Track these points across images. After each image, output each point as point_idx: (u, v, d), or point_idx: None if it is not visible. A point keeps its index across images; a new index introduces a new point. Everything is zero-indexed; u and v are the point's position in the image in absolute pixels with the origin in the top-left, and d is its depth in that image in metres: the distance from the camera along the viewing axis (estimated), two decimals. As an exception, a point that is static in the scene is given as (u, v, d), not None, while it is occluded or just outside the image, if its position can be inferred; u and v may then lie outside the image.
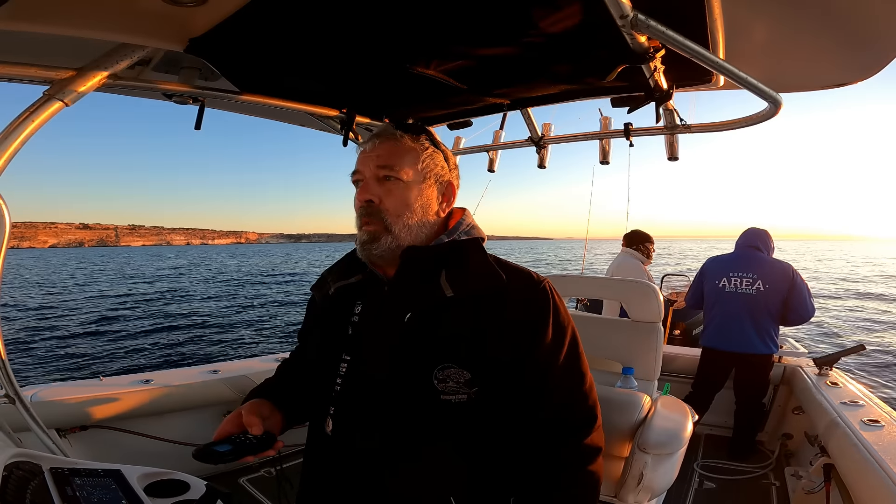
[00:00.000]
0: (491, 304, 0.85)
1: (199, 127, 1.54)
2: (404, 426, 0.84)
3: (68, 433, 2.20)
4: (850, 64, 1.21)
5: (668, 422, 1.73)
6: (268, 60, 1.26)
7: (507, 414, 0.88)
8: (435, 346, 0.84)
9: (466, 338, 0.84)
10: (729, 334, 3.14)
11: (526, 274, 0.92)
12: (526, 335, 0.86)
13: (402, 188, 0.89)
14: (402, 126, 0.95)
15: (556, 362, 0.88)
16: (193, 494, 1.10)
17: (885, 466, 1.71)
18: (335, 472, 0.89)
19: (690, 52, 1.00)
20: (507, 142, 2.19)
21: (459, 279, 0.86)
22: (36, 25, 0.95)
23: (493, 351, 0.84)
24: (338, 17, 1.02)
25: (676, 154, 1.82)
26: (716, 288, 3.25)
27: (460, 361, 0.83)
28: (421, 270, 0.88)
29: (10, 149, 1.10)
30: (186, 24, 1.05)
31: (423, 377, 0.83)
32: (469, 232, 0.95)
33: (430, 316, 0.85)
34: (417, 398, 0.83)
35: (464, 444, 0.85)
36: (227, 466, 2.62)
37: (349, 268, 0.99)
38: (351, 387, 0.90)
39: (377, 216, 0.88)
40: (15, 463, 0.98)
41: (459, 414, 0.84)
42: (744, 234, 3.45)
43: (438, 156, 0.95)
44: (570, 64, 1.25)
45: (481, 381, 0.84)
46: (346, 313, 0.95)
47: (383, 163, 0.89)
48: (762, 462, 3.02)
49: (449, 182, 0.97)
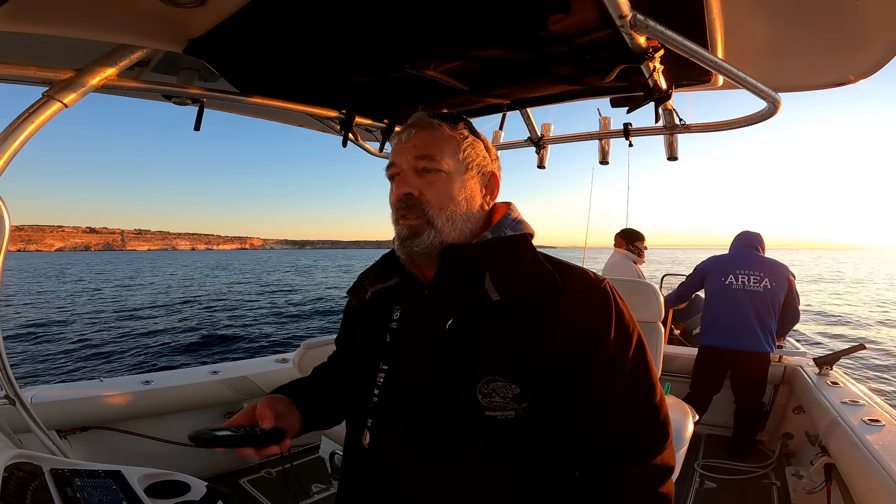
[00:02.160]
0: (543, 308, 0.77)
1: (198, 128, 1.54)
2: (444, 444, 0.77)
3: (69, 434, 2.20)
4: (848, 63, 1.21)
5: (669, 421, 1.72)
6: (267, 61, 1.26)
7: (562, 432, 0.79)
8: (480, 357, 0.76)
9: (515, 347, 0.75)
10: (737, 332, 3.10)
11: (582, 273, 0.83)
12: (585, 343, 0.76)
13: (444, 179, 0.82)
14: (439, 115, 0.87)
15: (622, 373, 0.78)
16: (194, 495, 1.10)
17: (886, 466, 1.71)
18: (372, 486, 0.83)
19: (689, 51, 1.00)
20: (506, 142, 2.19)
21: (506, 280, 0.78)
22: (35, 26, 0.96)
23: (546, 362, 0.75)
24: (337, 18, 1.02)
25: (676, 154, 1.82)
26: (722, 285, 3.22)
27: (508, 374, 0.74)
28: (463, 271, 0.81)
29: (10, 150, 1.10)
30: (186, 25, 1.05)
31: (466, 391, 0.75)
32: (515, 227, 0.87)
33: (474, 322, 0.77)
34: (460, 414, 0.75)
35: (510, 463, 0.76)
36: (228, 467, 2.63)
37: (386, 270, 0.92)
38: (388, 399, 0.83)
39: (418, 209, 0.81)
40: (15, 464, 0.98)
41: (506, 431, 0.75)
42: (740, 236, 3.46)
43: (479, 145, 0.88)
44: (570, 64, 1.26)
45: (532, 396, 0.75)
46: (384, 319, 0.88)
47: (422, 153, 0.81)
48: (763, 462, 3.02)
49: (492, 173, 0.90)
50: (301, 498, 2.42)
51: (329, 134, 2.01)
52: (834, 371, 3.00)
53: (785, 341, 3.91)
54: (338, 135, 1.92)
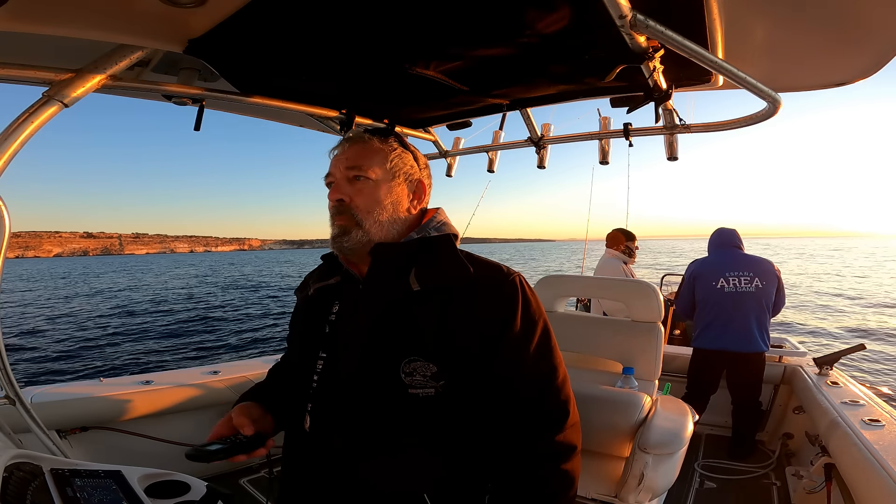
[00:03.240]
0: (459, 297, 0.87)
1: (198, 128, 1.54)
2: (374, 422, 0.86)
3: (69, 434, 2.20)
4: (848, 63, 1.21)
5: (669, 422, 1.73)
6: (267, 61, 1.26)
7: (477, 408, 0.88)
8: (402, 340, 0.85)
9: (433, 331, 0.85)
10: (735, 334, 3.08)
11: (496, 268, 0.93)
12: (494, 328, 0.86)
13: (371, 186, 0.92)
14: (372, 130, 0.99)
15: (526, 355, 0.88)
16: (194, 495, 1.10)
17: (886, 466, 1.71)
18: (314, 468, 0.91)
19: (689, 51, 1.00)
20: (506, 142, 2.19)
21: (427, 274, 0.88)
22: (35, 26, 0.95)
23: (460, 343, 0.85)
24: (337, 18, 1.02)
25: (676, 154, 1.82)
26: (713, 289, 3.18)
27: (426, 354, 0.84)
28: (391, 267, 0.90)
29: (10, 150, 1.10)
30: (186, 25, 1.05)
31: (390, 371, 0.84)
32: (440, 228, 0.97)
33: (399, 311, 0.87)
34: (385, 393, 0.85)
35: (434, 440, 0.86)
36: (229, 467, 2.62)
37: (328, 270, 1.02)
38: (326, 384, 0.91)
39: (347, 213, 0.91)
40: (15, 464, 0.98)
41: (427, 408, 0.84)
42: (718, 235, 3.39)
43: (407, 156, 0.98)
44: (570, 64, 1.26)
45: (448, 375, 0.84)
46: (324, 313, 0.97)
47: (352, 164, 0.92)
48: (763, 462, 3.02)
49: (419, 180, 0.99)
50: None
51: (329, 134, 2.01)
52: (834, 371, 3.00)
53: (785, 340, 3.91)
54: (338, 135, 1.92)
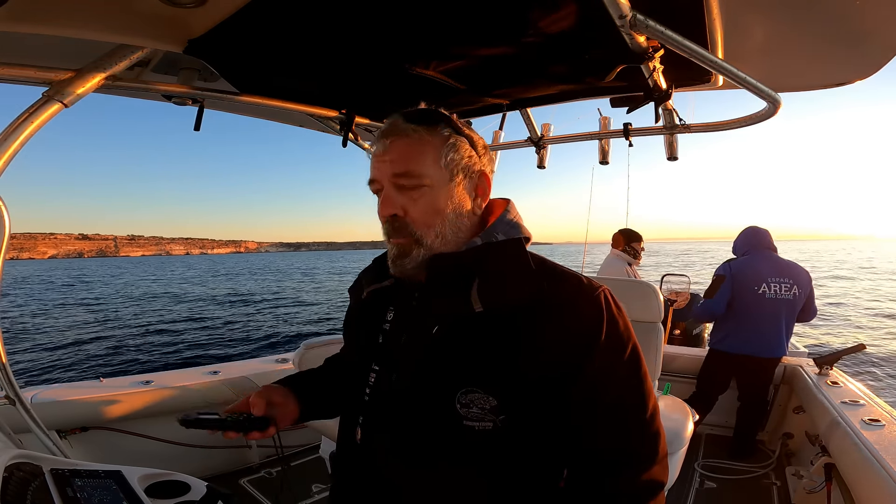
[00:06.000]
0: (529, 318, 0.74)
1: (198, 128, 1.54)
2: (425, 446, 0.78)
3: (69, 434, 2.20)
4: (848, 63, 1.21)
5: (669, 422, 1.73)
6: (267, 61, 1.26)
7: (545, 446, 0.78)
8: (460, 367, 0.75)
9: (495, 358, 0.74)
10: (765, 340, 3.08)
11: (575, 280, 0.79)
12: (572, 354, 0.73)
13: (428, 194, 0.78)
14: (415, 115, 0.81)
15: (612, 385, 0.75)
16: (194, 495, 1.10)
17: (886, 466, 1.71)
18: (363, 481, 0.85)
19: (689, 51, 1.00)
20: (506, 142, 2.19)
21: (491, 290, 0.75)
22: (35, 27, 0.96)
23: (528, 375, 0.73)
24: (337, 18, 1.02)
25: (676, 154, 1.82)
26: (755, 294, 3.11)
27: (486, 386, 0.73)
28: (450, 280, 0.78)
29: (10, 150, 1.10)
30: (185, 25, 1.05)
31: (444, 400, 0.75)
32: (508, 231, 0.83)
33: (458, 332, 0.76)
34: (438, 421, 0.76)
35: (489, 474, 0.76)
36: (228, 467, 2.63)
37: (382, 271, 0.90)
38: (378, 397, 0.84)
39: (405, 230, 0.78)
40: (16, 464, 0.98)
41: (483, 442, 0.74)
42: (753, 234, 3.30)
43: (463, 144, 0.81)
44: (570, 64, 1.26)
45: (510, 409, 0.74)
46: (378, 319, 0.89)
47: (400, 169, 0.77)
48: (763, 462, 3.02)
49: (481, 172, 0.84)
50: (301, 498, 2.43)
51: (328, 134, 2.01)
52: (834, 371, 3.00)
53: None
54: (337, 135, 1.92)
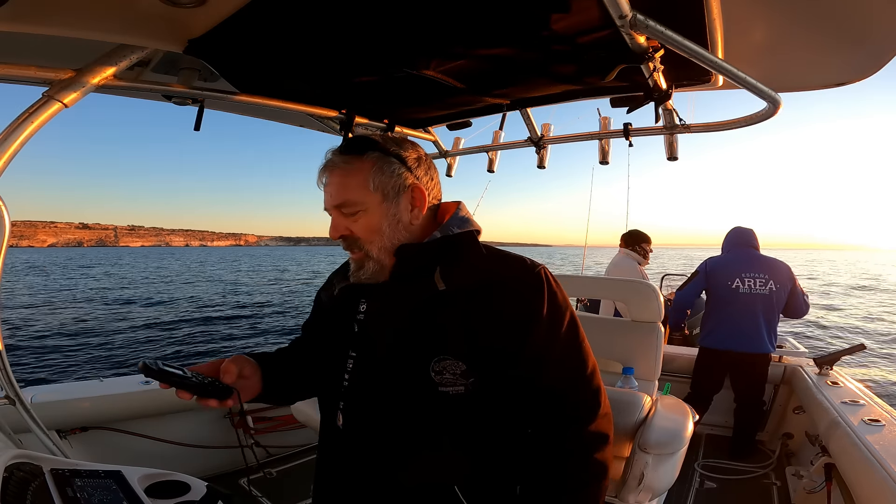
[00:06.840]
0: (485, 294, 0.87)
1: (198, 128, 1.54)
2: (406, 419, 0.88)
3: (69, 434, 2.20)
4: (848, 63, 1.21)
5: (669, 422, 1.73)
6: (267, 61, 1.26)
7: (508, 403, 0.90)
8: (430, 339, 0.87)
9: (460, 330, 0.85)
10: (744, 335, 3.09)
11: (520, 261, 0.92)
12: (520, 323, 0.86)
13: (364, 217, 0.89)
14: (346, 147, 0.91)
15: (554, 349, 0.88)
16: (194, 495, 1.10)
17: (886, 466, 1.71)
18: (348, 464, 0.93)
19: (689, 51, 1.00)
20: (506, 142, 2.19)
21: (452, 273, 0.88)
22: (35, 26, 0.96)
23: (487, 341, 0.85)
24: (337, 18, 1.02)
25: (676, 154, 1.82)
26: (728, 289, 3.16)
27: (455, 353, 0.85)
28: (416, 267, 0.90)
29: (10, 150, 1.10)
30: (186, 25, 1.05)
31: (420, 370, 0.86)
32: (462, 225, 0.95)
33: (427, 310, 0.88)
34: (416, 391, 0.87)
35: (465, 435, 0.88)
36: (228, 467, 2.62)
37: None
38: (358, 382, 0.93)
39: (355, 245, 0.91)
40: (16, 464, 0.98)
41: (457, 405, 0.86)
42: (734, 234, 3.37)
43: (390, 164, 0.89)
44: (570, 64, 1.25)
45: (477, 372, 0.85)
46: (351, 312, 0.98)
47: (337, 201, 0.89)
48: (763, 462, 3.02)
49: (413, 185, 0.91)
50: (301, 497, 2.43)
51: (329, 134, 2.01)
52: (834, 371, 3.00)
53: (785, 340, 3.91)
54: (338, 135, 1.92)
